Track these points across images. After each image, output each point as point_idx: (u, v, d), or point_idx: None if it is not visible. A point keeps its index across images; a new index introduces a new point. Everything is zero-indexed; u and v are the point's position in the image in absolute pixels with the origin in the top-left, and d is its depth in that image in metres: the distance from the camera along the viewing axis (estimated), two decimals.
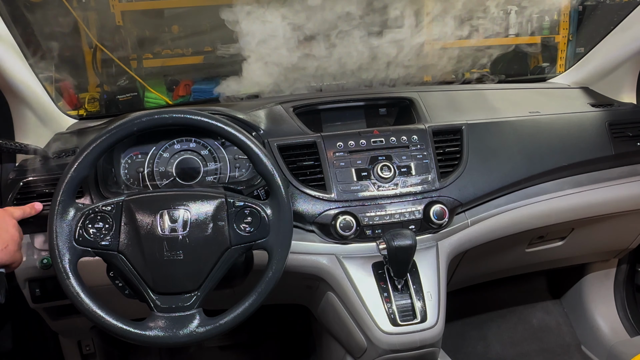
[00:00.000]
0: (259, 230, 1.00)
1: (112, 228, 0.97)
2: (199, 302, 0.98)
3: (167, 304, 0.97)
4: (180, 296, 0.97)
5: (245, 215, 1.00)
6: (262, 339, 2.07)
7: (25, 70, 1.35)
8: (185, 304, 0.97)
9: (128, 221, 0.97)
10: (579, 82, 1.78)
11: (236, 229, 0.99)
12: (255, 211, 1.00)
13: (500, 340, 2.07)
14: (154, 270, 0.97)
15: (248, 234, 0.99)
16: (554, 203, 1.42)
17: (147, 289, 0.97)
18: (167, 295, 0.97)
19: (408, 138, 1.31)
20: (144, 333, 0.95)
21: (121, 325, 0.95)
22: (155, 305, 0.97)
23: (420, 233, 1.25)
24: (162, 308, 0.97)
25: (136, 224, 0.97)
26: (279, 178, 1.02)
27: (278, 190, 1.01)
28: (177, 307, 0.97)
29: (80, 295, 0.94)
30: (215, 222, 0.99)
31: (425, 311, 1.19)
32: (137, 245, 0.97)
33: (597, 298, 1.99)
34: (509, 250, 1.58)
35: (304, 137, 1.30)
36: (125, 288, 1.08)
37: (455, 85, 1.88)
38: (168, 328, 0.96)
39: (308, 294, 1.42)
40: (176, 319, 0.96)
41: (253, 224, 1.00)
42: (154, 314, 0.97)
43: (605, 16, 3.47)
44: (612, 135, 1.50)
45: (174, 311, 0.97)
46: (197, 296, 0.98)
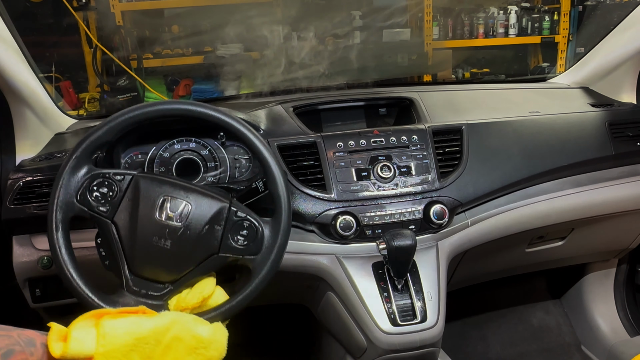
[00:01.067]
0: (250, 247, 1.00)
1: (115, 197, 0.98)
2: (167, 295, 0.98)
3: (138, 286, 0.97)
4: (153, 284, 0.97)
5: (243, 228, 1.00)
6: (262, 339, 2.07)
7: (25, 70, 1.35)
8: (155, 293, 0.97)
9: (131, 195, 0.98)
10: (579, 82, 1.78)
11: (230, 239, 0.99)
12: (253, 226, 1.00)
13: (500, 340, 2.07)
14: (138, 251, 0.97)
15: (239, 246, 0.99)
16: (554, 203, 1.42)
17: (126, 266, 0.97)
18: (141, 279, 0.97)
19: (408, 138, 1.31)
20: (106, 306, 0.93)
21: (88, 292, 0.94)
22: (127, 285, 0.97)
23: (420, 233, 1.25)
24: (133, 290, 0.97)
25: (137, 201, 0.98)
26: (288, 202, 1.02)
27: (282, 215, 1.01)
28: (146, 294, 0.97)
29: (61, 249, 0.94)
30: (211, 225, 0.99)
31: (425, 311, 1.19)
32: (131, 222, 0.97)
33: (597, 298, 1.99)
34: (509, 250, 1.58)
35: (304, 137, 1.31)
36: (106, 258, 1.07)
37: (455, 85, 1.88)
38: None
39: (308, 294, 1.42)
40: (141, 304, 0.96)
41: (248, 238, 1.00)
42: (123, 292, 0.97)
43: (605, 16, 3.48)
44: (612, 135, 1.50)
45: (142, 296, 0.97)
46: (168, 289, 0.98)
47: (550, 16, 3.98)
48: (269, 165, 1.03)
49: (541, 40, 4.03)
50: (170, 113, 1.03)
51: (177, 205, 0.98)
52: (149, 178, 1.00)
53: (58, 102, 1.55)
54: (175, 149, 1.33)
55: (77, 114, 1.67)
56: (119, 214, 0.98)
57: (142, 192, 0.98)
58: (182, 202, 0.98)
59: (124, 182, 0.99)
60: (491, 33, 4.09)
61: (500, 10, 4.09)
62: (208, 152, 1.34)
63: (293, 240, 1.23)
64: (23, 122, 1.37)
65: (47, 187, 1.23)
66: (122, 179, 0.99)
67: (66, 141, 1.44)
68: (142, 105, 1.02)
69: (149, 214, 0.97)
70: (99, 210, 0.98)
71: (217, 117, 1.04)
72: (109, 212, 0.98)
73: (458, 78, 4.07)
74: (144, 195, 0.98)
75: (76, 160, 0.98)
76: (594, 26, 3.79)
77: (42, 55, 2.49)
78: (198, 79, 3.92)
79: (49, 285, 1.32)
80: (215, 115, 1.04)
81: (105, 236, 0.99)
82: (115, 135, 1.01)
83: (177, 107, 1.03)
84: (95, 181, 0.98)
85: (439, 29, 4.09)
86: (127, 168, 1.33)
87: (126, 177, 0.99)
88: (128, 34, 3.73)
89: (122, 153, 1.34)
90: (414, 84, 3.01)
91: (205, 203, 0.99)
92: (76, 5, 3.59)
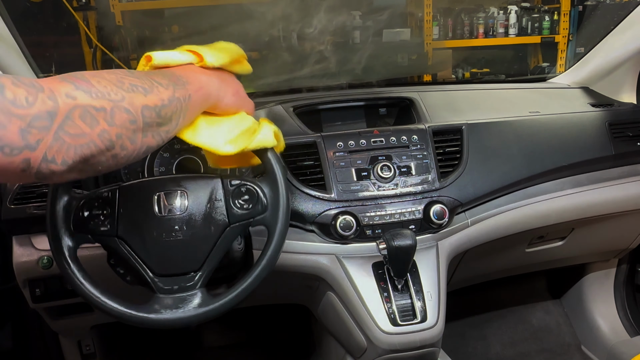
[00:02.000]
0: (256, 208, 1.00)
1: (110, 214, 0.97)
2: (201, 282, 0.98)
3: (169, 285, 0.97)
4: (182, 277, 0.97)
5: (242, 194, 1.00)
6: (262, 339, 2.07)
7: (25, 70, 1.35)
8: (188, 283, 0.97)
9: (125, 206, 0.97)
10: (579, 82, 1.78)
11: (234, 208, 0.99)
12: (251, 188, 1.00)
13: (500, 340, 2.07)
14: (154, 253, 0.97)
15: (246, 211, 0.99)
16: (554, 203, 1.42)
17: (148, 272, 0.97)
18: (168, 277, 0.97)
19: (408, 138, 1.31)
20: (148, 315, 0.94)
21: (124, 309, 0.94)
22: (157, 287, 0.97)
23: (420, 233, 1.25)
24: (165, 289, 0.96)
25: (134, 208, 0.97)
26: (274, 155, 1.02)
27: (272, 167, 1.01)
28: (179, 288, 0.97)
29: (83, 283, 0.94)
30: (212, 202, 0.99)
31: (425, 311, 1.19)
32: (136, 229, 0.97)
33: (597, 298, 1.99)
34: (509, 250, 1.58)
35: (304, 137, 1.30)
36: (126, 275, 1.07)
37: (455, 85, 1.87)
38: (172, 308, 0.95)
39: (308, 294, 1.42)
40: (179, 299, 0.96)
41: (250, 201, 1.00)
42: (157, 295, 0.96)
43: (605, 16, 3.47)
44: (612, 135, 1.50)
45: (176, 292, 0.96)
46: (199, 275, 0.98)
47: (550, 16, 3.98)
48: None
49: (541, 40, 4.03)
50: None
51: (173, 197, 0.98)
52: (135, 184, 0.99)
53: None
54: (175, 149, 1.33)
55: None
56: (121, 227, 0.97)
57: (134, 199, 0.97)
58: (176, 192, 0.98)
59: (112, 196, 0.97)
60: (491, 33, 4.09)
61: (500, 10, 4.09)
62: None
63: (293, 240, 1.24)
64: None
65: (47, 187, 1.23)
66: (109, 195, 0.97)
67: None
68: None
69: (150, 215, 0.97)
70: (101, 231, 0.96)
71: None
72: (111, 230, 0.96)
73: (458, 78, 4.07)
74: (137, 200, 0.97)
75: (58, 190, 0.95)
76: (594, 26, 3.78)
77: (42, 55, 2.49)
78: None
79: (49, 286, 1.32)
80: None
81: (117, 253, 0.98)
82: None
83: None
84: (85, 206, 0.96)
85: (439, 28, 4.09)
86: (126, 168, 1.33)
87: (113, 191, 0.98)
88: (128, 34, 3.73)
89: None
90: (414, 83, 3.00)
91: (198, 185, 0.99)
92: (76, 5, 3.59)
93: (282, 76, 3.60)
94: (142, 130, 0.76)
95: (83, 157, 0.69)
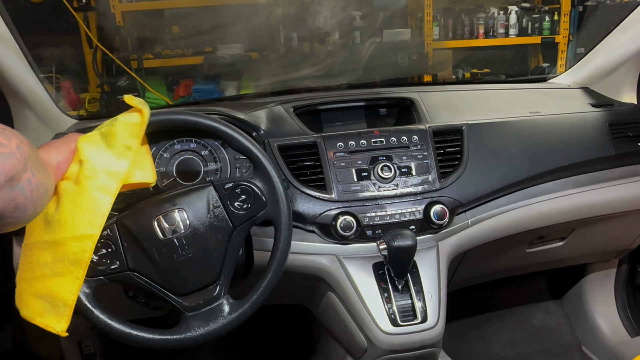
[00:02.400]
0: (255, 205, 1.00)
1: (116, 250, 0.96)
2: (224, 290, 0.98)
3: (194, 302, 0.97)
4: (204, 290, 0.98)
5: (238, 195, 1.00)
6: (262, 339, 2.07)
7: (25, 70, 1.35)
8: (212, 295, 0.98)
9: (128, 239, 0.97)
10: (579, 82, 1.78)
11: (234, 210, 0.99)
12: (245, 187, 1.00)
13: (500, 341, 2.07)
14: (171, 275, 0.97)
15: (246, 211, 1.00)
16: (554, 203, 1.42)
17: (170, 294, 0.97)
18: (191, 294, 0.98)
19: (408, 138, 1.31)
20: (182, 337, 0.95)
21: (159, 337, 0.95)
22: (184, 307, 0.97)
23: (420, 233, 1.25)
24: (191, 307, 0.97)
25: (137, 238, 0.96)
26: (257, 150, 1.02)
27: (259, 161, 1.02)
28: (204, 302, 0.97)
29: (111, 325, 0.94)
30: (211, 211, 0.99)
31: (425, 311, 1.19)
32: (145, 258, 0.96)
33: (597, 298, 1.98)
34: (510, 251, 1.58)
35: (305, 137, 1.30)
36: (149, 303, 1.08)
37: (455, 86, 1.87)
38: (202, 324, 0.96)
39: (308, 294, 1.42)
40: (208, 312, 0.97)
41: (248, 200, 1.00)
42: (185, 315, 0.97)
43: (605, 16, 3.47)
44: (612, 135, 1.50)
45: (202, 307, 0.97)
46: (219, 285, 0.98)
47: (551, 16, 3.98)
48: (219, 130, 1.04)
49: (541, 41, 4.03)
50: None
51: (172, 217, 0.97)
52: (130, 213, 0.98)
53: (58, 102, 1.54)
54: (175, 149, 1.33)
55: (77, 115, 1.66)
56: (130, 260, 0.96)
57: (135, 229, 0.97)
58: (173, 211, 0.98)
59: (112, 232, 0.96)
60: (491, 33, 4.09)
61: (501, 11, 4.09)
62: (208, 152, 1.34)
63: (294, 240, 1.23)
64: (23, 122, 1.36)
65: None
66: (109, 232, 0.96)
67: None
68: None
69: (155, 240, 0.96)
70: (113, 269, 0.96)
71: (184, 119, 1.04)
72: (121, 266, 0.96)
73: (458, 78, 4.07)
74: (138, 230, 0.97)
75: None
76: (594, 26, 3.79)
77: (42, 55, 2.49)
78: (198, 79, 3.92)
79: None
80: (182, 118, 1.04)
81: (134, 285, 0.98)
82: None
83: None
84: None
85: (439, 29, 4.09)
86: None
87: (111, 228, 0.97)
88: (128, 34, 3.73)
89: None
90: (414, 84, 3.00)
91: (192, 198, 0.99)
92: (76, 5, 3.60)
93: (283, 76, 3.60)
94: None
95: None
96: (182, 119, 1.04)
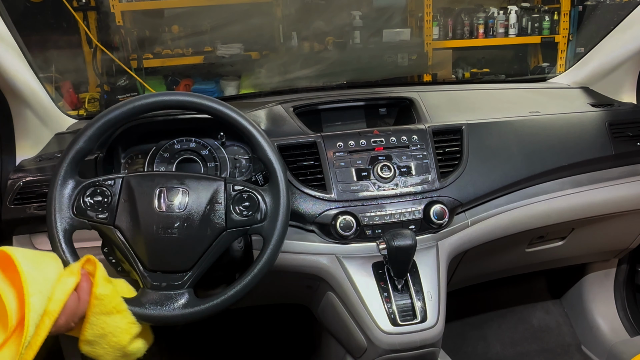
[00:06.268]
0: (255, 216, 1.00)
1: (111, 202, 0.98)
2: (189, 282, 0.98)
3: (158, 281, 0.97)
4: (172, 274, 0.98)
5: (244, 200, 1.00)
6: (262, 339, 2.07)
7: (25, 70, 1.35)
8: (176, 282, 0.97)
9: (126, 196, 0.98)
10: (579, 82, 1.78)
11: (233, 213, 1.00)
12: (253, 196, 1.01)
13: (500, 340, 2.07)
14: (148, 247, 0.97)
15: (244, 218, 1.00)
16: (554, 203, 1.42)
17: (139, 265, 0.97)
18: (159, 273, 0.97)
19: (408, 138, 1.31)
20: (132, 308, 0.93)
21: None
22: (145, 281, 0.97)
23: (420, 233, 1.25)
24: (153, 285, 0.97)
25: (134, 200, 0.98)
26: (279, 164, 1.02)
27: (277, 178, 1.02)
28: (167, 285, 0.97)
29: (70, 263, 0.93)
30: (212, 204, 0.99)
31: (425, 311, 1.19)
32: (133, 221, 0.97)
33: (597, 298, 1.99)
34: (509, 250, 1.58)
35: (304, 137, 1.31)
36: (118, 265, 1.07)
37: (455, 85, 1.87)
38: (157, 305, 0.95)
39: (308, 294, 1.42)
40: (166, 296, 0.96)
41: (250, 208, 1.00)
42: (145, 290, 0.97)
43: (605, 16, 3.47)
44: (612, 135, 1.50)
45: (164, 289, 0.97)
46: (188, 276, 0.98)
47: (550, 16, 3.98)
48: (250, 132, 1.03)
49: (541, 40, 4.03)
50: (136, 110, 1.02)
51: (174, 194, 0.98)
52: (139, 175, 1.00)
53: (58, 102, 1.55)
54: (175, 149, 1.33)
55: (77, 114, 1.66)
56: (119, 217, 0.97)
57: (136, 190, 0.98)
58: (178, 189, 0.99)
59: (116, 185, 0.99)
60: (491, 33, 4.09)
61: (500, 10, 4.09)
62: (208, 152, 1.35)
63: (293, 240, 1.24)
64: (23, 122, 1.37)
65: (47, 187, 1.23)
66: (112, 183, 0.99)
67: (66, 141, 1.44)
68: (111, 108, 1.01)
69: (149, 208, 0.97)
70: (99, 218, 0.97)
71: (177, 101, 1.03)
72: (109, 218, 0.97)
73: (458, 78, 4.07)
74: (139, 193, 0.98)
75: (63, 175, 0.97)
76: (594, 26, 3.79)
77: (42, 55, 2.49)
78: (198, 79, 3.92)
79: None
80: (172, 98, 1.03)
81: (112, 242, 0.99)
82: (96, 142, 1.01)
83: (140, 104, 1.02)
84: (87, 191, 0.98)
85: (439, 28, 4.09)
86: (126, 168, 1.34)
87: (117, 180, 0.99)
88: (128, 34, 3.73)
89: (122, 153, 1.34)
90: (414, 83, 3.00)
91: (201, 186, 1.00)
92: (76, 5, 3.60)
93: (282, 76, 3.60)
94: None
95: None
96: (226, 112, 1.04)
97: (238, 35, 3.75)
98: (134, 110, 1.01)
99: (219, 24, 3.73)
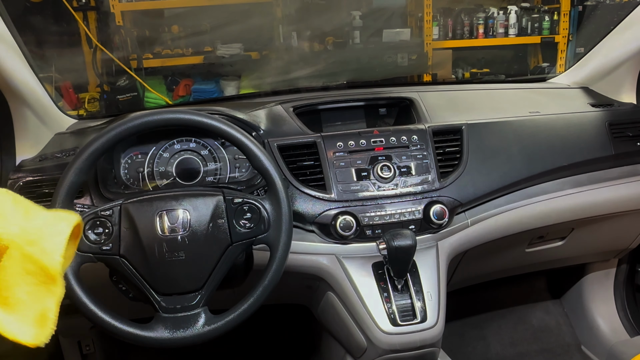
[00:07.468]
0: (258, 226, 1.00)
1: (112, 232, 0.97)
2: (203, 301, 0.98)
3: (172, 304, 0.97)
4: (184, 296, 0.98)
5: (245, 212, 1.00)
6: (262, 339, 2.07)
7: (25, 70, 1.35)
8: (190, 303, 0.98)
9: (128, 225, 0.97)
10: (579, 82, 1.78)
11: (236, 226, 0.99)
12: (254, 207, 1.00)
13: (500, 340, 2.07)
14: (157, 272, 0.97)
15: (248, 230, 1.00)
16: (554, 203, 1.42)
17: (151, 290, 0.97)
18: (171, 296, 0.98)
19: (408, 138, 1.31)
20: (150, 335, 0.95)
21: (127, 328, 0.95)
22: (160, 307, 0.97)
23: (420, 233, 1.25)
24: (167, 309, 0.97)
25: (136, 227, 0.97)
26: (276, 173, 1.02)
27: (275, 186, 1.01)
28: (182, 307, 0.97)
29: (85, 303, 0.94)
30: (214, 220, 0.99)
31: (425, 311, 1.19)
32: (138, 248, 0.97)
33: (597, 298, 1.99)
34: (509, 250, 1.58)
35: (304, 137, 1.30)
36: (129, 292, 1.08)
37: (455, 85, 1.87)
38: (174, 328, 0.96)
39: (308, 294, 1.42)
40: (182, 318, 0.97)
41: (252, 219, 1.00)
42: (160, 315, 0.97)
43: (605, 16, 3.48)
44: (612, 135, 1.50)
45: (179, 311, 0.97)
46: (201, 295, 0.98)
47: (550, 16, 3.99)
48: (244, 144, 1.02)
49: (541, 40, 4.04)
50: (122, 136, 0.99)
51: (175, 216, 0.98)
52: (136, 201, 0.99)
53: (58, 102, 1.55)
54: (175, 149, 1.33)
55: (77, 114, 1.66)
56: (123, 246, 0.97)
57: (136, 217, 0.97)
58: (178, 211, 0.98)
59: (114, 214, 0.97)
60: (491, 33, 4.09)
61: (500, 10, 4.09)
62: (208, 152, 1.35)
63: (293, 240, 1.23)
64: (23, 122, 1.37)
65: (47, 187, 1.23)
66: (111, 213, 0.97)
67: (66, 141, 1.44)
68: (99, 135, 0.98)
69: (152, 234, 0.97)
70: (104, 250, 0.96)
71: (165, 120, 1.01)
72: (113, 249, 0.97)
73: (458, 78, 4.07)
74: (139, 220, 0.97)
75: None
76: (594, 26, 3.79)
77: (42, 55, 2.49)
78: (198, 79, 3.92)
79: None
80: (159, 118, 1.00)
81: (120, 271, 0.98)
82: (88, 172, 0.99)
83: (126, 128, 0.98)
84: (87, 225, 0.96)
85: (439, 29, 4.09)
86: (126, 168, 1.33)
87: (114, 209, 0.98)
88: (128, 34, 3.74)
89: (122, 153, 1.34)
90: (414, 84, 3.00)
91: (200, 203, 0.99)
92: (76, 5, 3.60)
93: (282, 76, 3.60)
94: None
95: None
96: (215, 125, 1.02)
97: (238, 35, 3.75)
98: (119, 136, 0.98)
99: (219, 24, 3.73)
